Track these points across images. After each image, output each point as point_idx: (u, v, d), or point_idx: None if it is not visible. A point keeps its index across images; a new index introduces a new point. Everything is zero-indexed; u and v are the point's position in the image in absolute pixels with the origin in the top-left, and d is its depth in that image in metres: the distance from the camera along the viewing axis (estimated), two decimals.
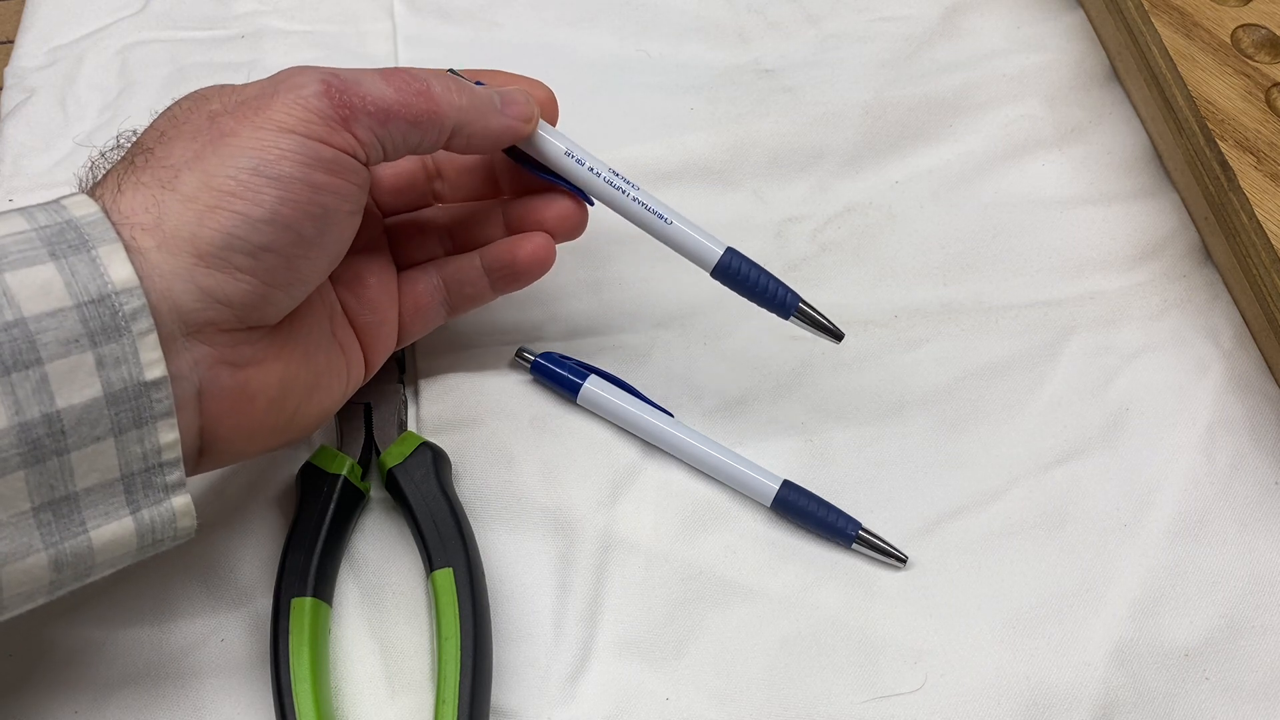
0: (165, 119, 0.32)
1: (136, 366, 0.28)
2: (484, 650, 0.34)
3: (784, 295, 0.37)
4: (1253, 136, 0.42)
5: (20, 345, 0.27)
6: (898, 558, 0.37)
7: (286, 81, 0.32)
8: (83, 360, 0.27)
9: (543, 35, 0.52)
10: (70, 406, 0.27)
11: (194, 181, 0.30)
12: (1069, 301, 0.44)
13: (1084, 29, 0.52)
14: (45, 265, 0.27)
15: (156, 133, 0.32)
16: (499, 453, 0.40)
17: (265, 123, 0.31)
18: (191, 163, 0.30)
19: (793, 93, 0.50)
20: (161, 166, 0.30)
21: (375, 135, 0.32)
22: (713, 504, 0.39)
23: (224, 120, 0.31)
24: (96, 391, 0.28)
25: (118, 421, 0.28)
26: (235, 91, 0.32)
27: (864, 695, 0.35)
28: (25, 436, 0.27)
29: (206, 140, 0.31)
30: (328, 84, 0.32)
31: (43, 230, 0.28)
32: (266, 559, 0.37)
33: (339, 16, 0.52)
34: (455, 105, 0.34)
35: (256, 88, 0.32)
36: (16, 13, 0.54)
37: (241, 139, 0.30)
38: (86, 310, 0.28)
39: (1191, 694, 0.35)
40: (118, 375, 0.28)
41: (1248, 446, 0.40)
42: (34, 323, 0.27)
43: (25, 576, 0.28)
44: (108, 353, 0.28)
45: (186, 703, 0.35)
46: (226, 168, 0.30)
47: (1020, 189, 0.47)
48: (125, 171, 0.31)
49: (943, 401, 0.41)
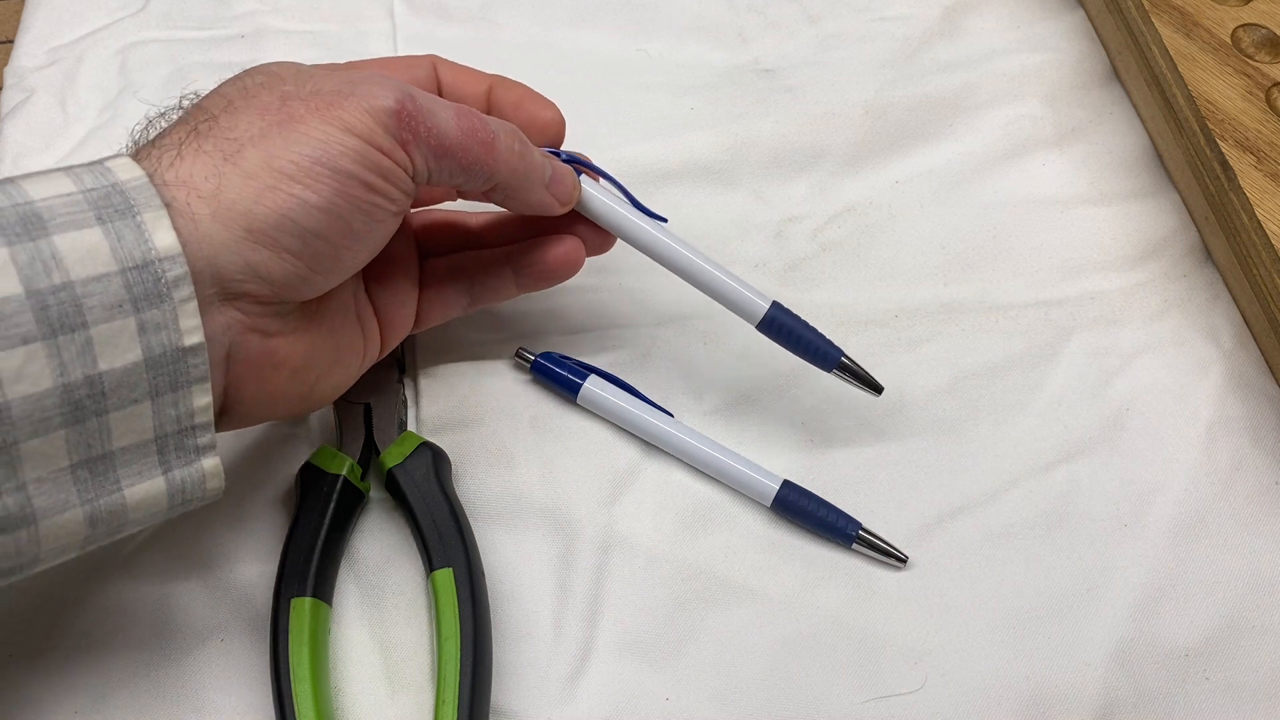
0: (234, 88, 0.32)
1: (176, 333, 0.29)
2: (484, 650, 0.34)
3: (826, 349, 0.38)
4: (1253, 136, 0.42)
5: (68, 308, 0.27)
6: (898, 558, 0.37)
7: (365, 86, 0.32)
8: (125, 325, 0.28)
9: (543, 35, 0.52)
10: (112, 369, 0.28)
11: (256, 159, 0.30)
12: (1069, 301, 0.44)
13: (1084, 29, 0.52)
14: (92, 229, 0.28)
15: (224, 100, 0.32)
16: (499, 453, 0.40)
17: (334, 119, 0.31)
18: (257, 140, 0.31)
19: (793, 93, 0.50)
20: (225, 138, 0.31)
21: (427, 165, 0.33)
22: (713, 504, 0.39)
23: (295, 104, 0.31)
24: (137, 356, 0.28)
25: (155, 385, 0.29)
26: (310, 78, 0.32)
27: (864, 695, 0.35)
28: (68, 397, 0.27)
29: (275, 120, 0.31)
30: (401, 105, 0.32)
31: (89, 193, 0.28)
32: (266, 559, 0.37)
33: (339, 16, 0.52)
34: (510, 167, 0.35)
35: (334, 81, 0.32)
36: (16, 13, 0.54)
37: (308, 127, 0.31)
38: (130, 275, 0.28)
39: (1191, 694, 0.35)
40: (157, 340, 0.29)
41: (1248, 446, 0.40)
42: (81, 286, 0.27)
43: (61, 531, 0.29)
44: (149, 318, 0.28)
45: (186, 703, 0.35)
46: (290, 152, 0.31)
47: (1020, 189, 0.47)
48: (187, 137, 0.31)
49: (943, 401, 0.41)
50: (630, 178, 0.46)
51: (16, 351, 0.26)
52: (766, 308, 0.38)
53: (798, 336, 0.38)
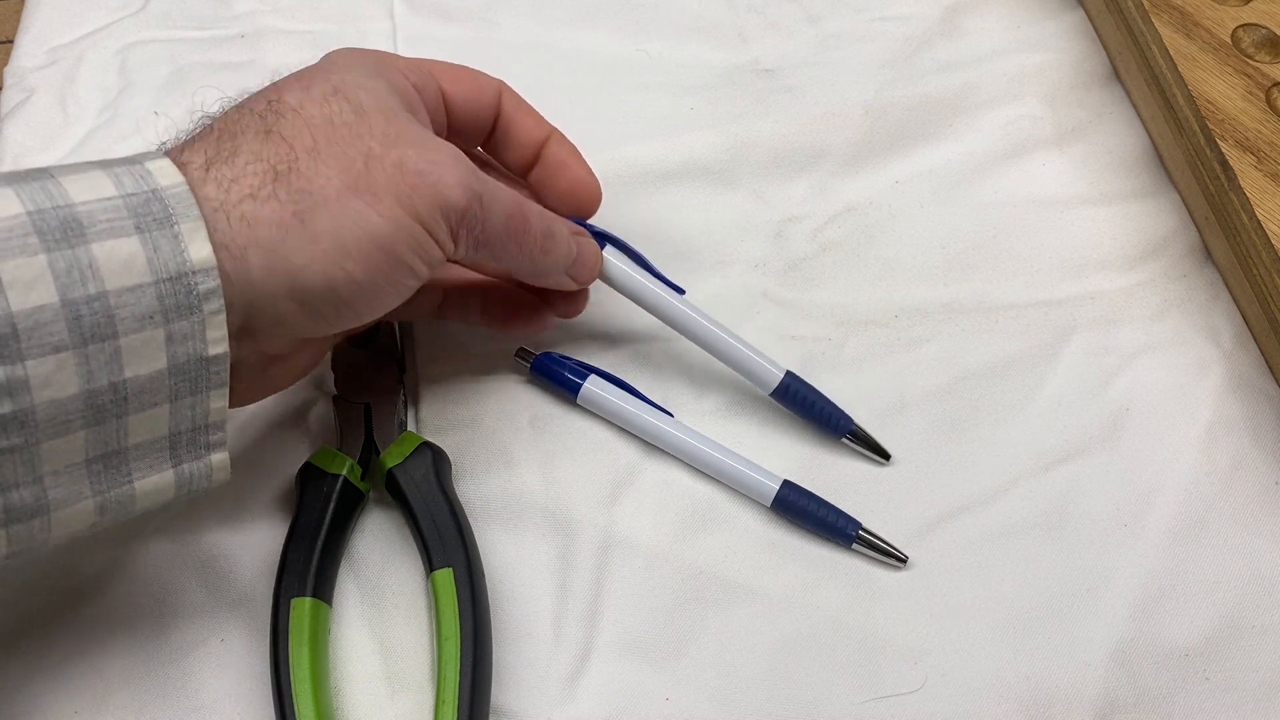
0: (320, 114, 0.32)
1: (202, 343, 0.29)
2: (484, 650, 0.34)
3: (838, 417, 0.39)
4: (1253, 136, 0.42)
5: (100, 319, 0.27)
6: (898, 558, 0.37)
7: (442, 171, 0.32)
8: (154, 335, 0.28)
9: (543, 35, 0.52)
10: (136, 377, 0.28)
11: (326, 225, 0.31)
12: (1069, 301, 0.44)
13: (1084, 29, 0.52)
14: (130, 238, 0.28)
15: (308, 134, 0.31)
16: (499, 453, 0.40)
17: (407, 204, 0.32)
18: (332, 202, 0.31)
19: (793, 93, 0.50)
20: (303, 189, 0.31)
21: (465, 251, 0.34)
22: (713, 504, 0.39)
23: (377, 173, 0.31)
24: (162, 365, 0.29)
25: (175, 389, 0.29)
26: (395, 135, 0.32)
27: (864, 695, 0.35)
28: (91, 402, 0.28)
29: (353, 184, 0.31)
30: (469, 206, 0.33)
31: (129, 199, 0.28)
32: (266, 559, 0.37)
33: (339, 16, 0.52)
34: (532, 261, 0.36)
35: (416, 151, 0.32)
36: (16, 13, 0.54)
37: (383, 206, 0.31)
38: (164, 287, 0.28)
39: (1191, 694, 0.35)
40: (183, 350, 0.29)
41: (1248, 446, 0.40)
42: (115, 297, 0.28)
43: (72, 519, 0.29)
44: (178, 329, 0.29)
45: (186, 703, 0.35)
46: (359, 228, 0.31)
47: (1020, 189, 0.47)
48: (264, 179, 0.30)
49: (943, 401, 0.41)
50: (630, 178, 0.46)
51: (48, 360, 0.27)
52: (781, 376, 0.39)
53: (810, 403, 0.39)
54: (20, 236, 0.26)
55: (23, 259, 0.26)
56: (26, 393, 0.27)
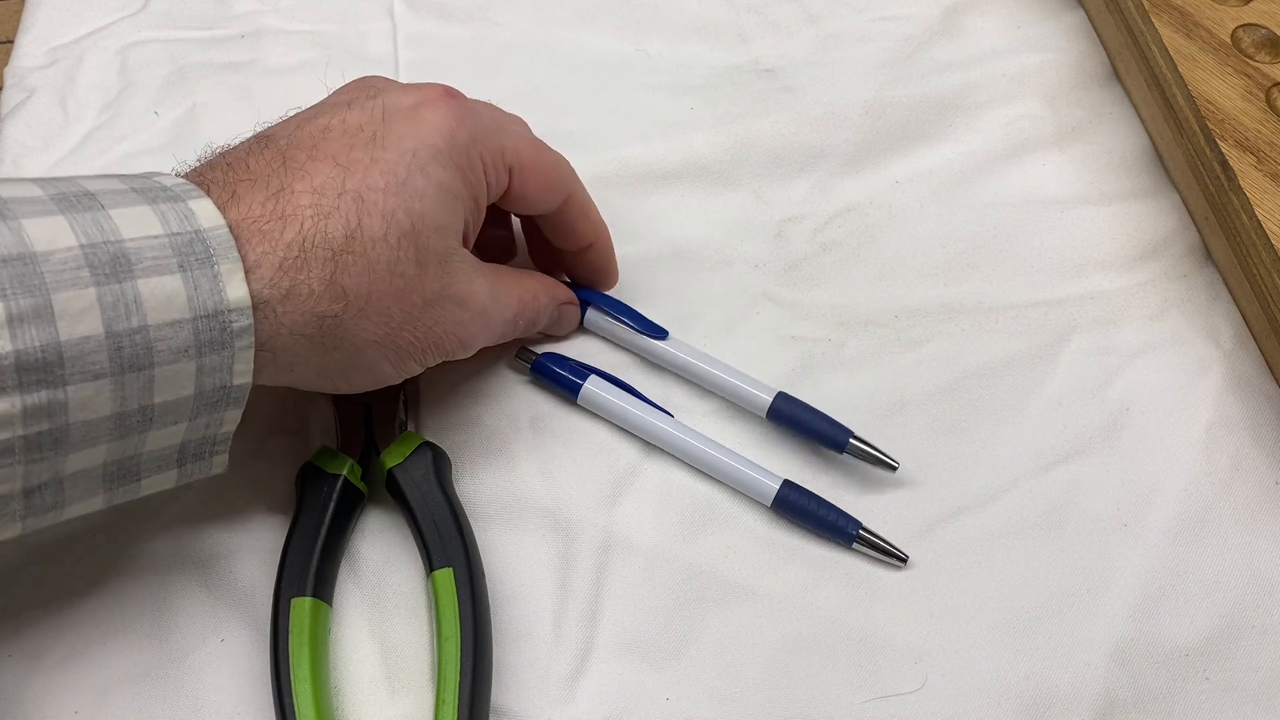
0: (385, 271, 0.33)
1: (229, 375, 0.31)
2: (484, 650, 0.34)
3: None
4: (1253, 136, 0.42)
5: (140, 350, 0.29)
6: (898, 557, 0.37)
7: (467, 327, 0.36)
8: (187, 367, 0.30)
9: (543, 35, 0.52)
10: (165, 402, 0.30)
11: (341, 357, 0.33)
12: (1069, 301, 0.44)
13: (1084, 29, 0.52)
14: (174, 276, 0.29)
15: (365, 289, 0.32)
16: (499, 453, 0.40)
17: (419, 357, 0.35)
18: (356, 348, 0.33)
19: (793, 93, 0.50)
20: (338, 336, 0.32)
21: None
22: (713, 504, 0.39)
23: (408, 330, 0.34)
24: (189, 392, 0.30)
25: (196, 410, 0.31)
26: (439, 292, 0.34)
27: (864, 695, 0.35)
28: (120, 423, 0.29)
29: (381, 339, 0.34)
30: None
31: (175, 238, 0.30)
32: (266, 559, 0.37)
33: (339, 16, 0.52)
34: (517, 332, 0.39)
35: (452, 310, 0.35)
36: (16, 13, 0.54)
37: (397, 361, 0.35)
38: (200, 324, 0.30)
39: (1191, 694, 0.35)
40: (211, 380, 0.31)
41: (1248, 446, 0.40)
42: (155, 330, 0.29)
43: (82, 510, 0.31)
44: (208, 362, 0.30)
45: (186, 703, 0.35)
46: (366, 371, 0.34)
47: (1020, 189, 0.47)
48: (323, 264, 0.31)
49: (943, 401, 0.41)
50: (630, 178, 0.46)
51: (87, 386, 0.28)
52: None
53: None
54: (73, 270, 0.28)
55: (74, 291, 0.28)
56: (64, 414, 0.28)
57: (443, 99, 0.35)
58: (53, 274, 0.27)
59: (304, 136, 0.33)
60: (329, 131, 0.33)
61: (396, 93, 0.35)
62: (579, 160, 0.40)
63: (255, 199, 0.31)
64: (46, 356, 0.27)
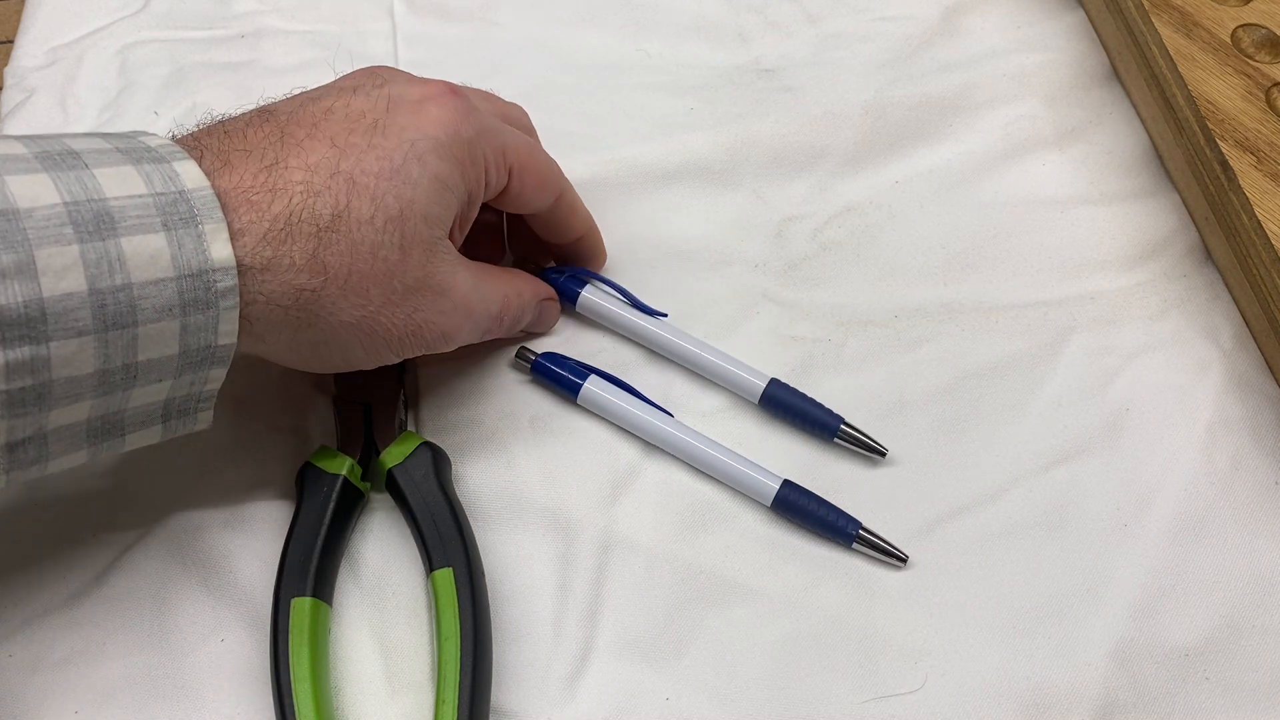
0: (368, 253, 0.33)
1: (213, 334, 0.31)
2: (484, 650, 0.34)
3: (827, 419, 0.40)
4: (1253, 136, 0.42)
5: (123, 308, 0.29)
6: (898, 557, 0.37)
7: (447, 319, 0.36)
8: (170, 326, 0.30)
9: (543, 35, 0.52)
10: (149, 360, 0.30)
11: (317, 335, 0.33)
12: (1069, 301, 0.44)
13: (1084, 29, 0.52)
14: (157, 235, 0.29)
15: (346, 266, 0.32)
16: (499, 453, 0.40)
17: (395, 347, 0.35)
18: (332, 328, 0.33)
19: (793, 93, 0.50)
20: (315, 315, 0.32)
21: None
22: (713, 504, 0.39)
23: (386, 316, 0.34)
24: (174, 351, 0.30)
25: (181, 368, 0.31)
26: (422, 280, 0.34)
27: (864, 695, 0.35)
28: (104, 379, 0.30)
29: (359, 321, 0.33)
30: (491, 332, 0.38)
31: (159, 198, 0.30)
32: (266, 559, 0.37)
33: (339, 16, 0.52)
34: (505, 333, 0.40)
35: (432, 299, 0.35)
36: (16, 13, 0.54)
37: (373, 348, 0.34)
38: (185, 283, 0.30)
39: (1191, 694, 0.35)
40: (195, 339, 0.31)
41: (1248, 446, 0.40)
42: (138, 289, 0.29)
43: (67, 463, 0.31)
44: (193, 322, 0.30)
45: (186, 703, 0.35)
46: (341, 354, 0.34)
47: (1020, 189, 0.47)
48: (290, 291, 0.32)
49: (943, 401, 0.41)
50: (630, 178, 0.46)
51: (70, 343, 0.28)
52: (763, 385, 0.40)
53: (797, 409, 0.40)
54: (56, 226, 0.28)
55: (57, 248, 0.28)
56: (47, 370, 0.28)
57: (448, 94, 0.35)
58: (35, 230, 0.27)
59: (306, 115, 0.33)
60: (331, 113, 0.34)
61: (403, 84, 0.35)
62: (579, 160, 0.40)
63: (249, 169, 0.32)
64: (29, 312, 0.27)
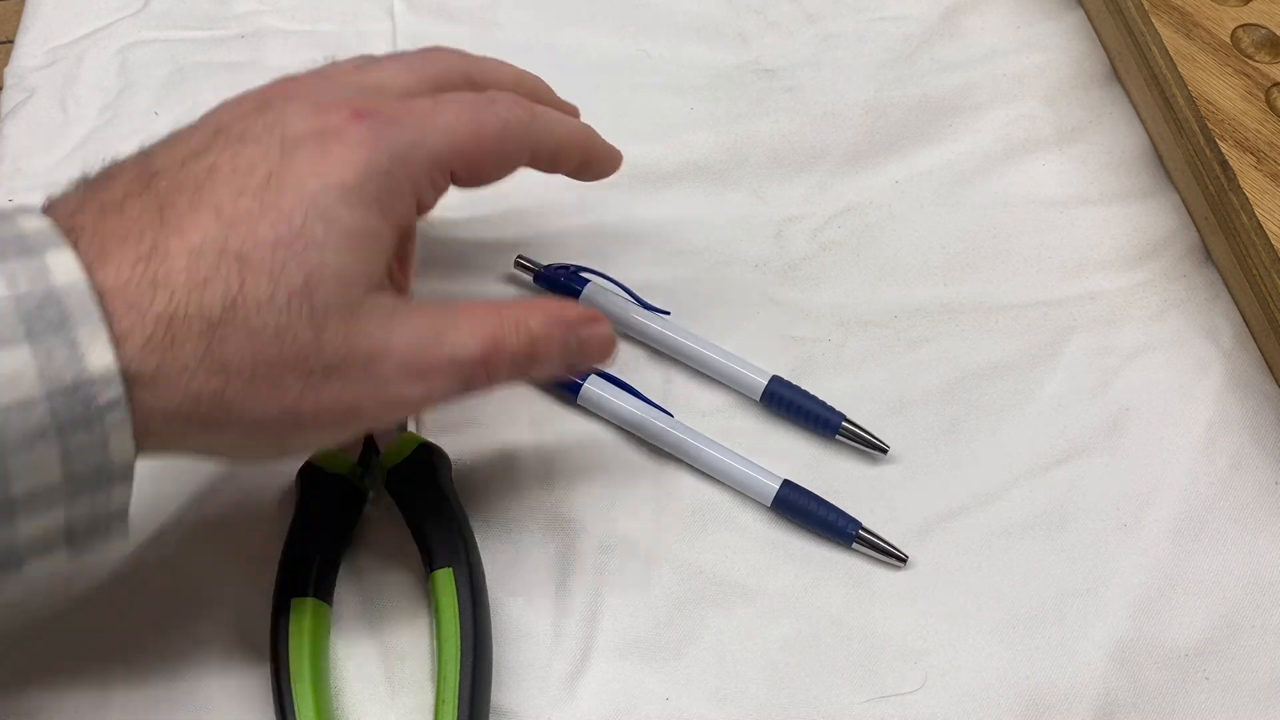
0: (273, 338, 0.28)
1: (103, 453, 0.26)
2: (484, 650, 0.34)
3: (828, 416, 0.40)
4: (1253, 136, 0.42)
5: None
6: (898, 557, 0.37)
7: (369, 399, 0.29)
8: (46, 451, 0.26)
9: (543, 35, 0.52)
10: (26, 492, 0.26)
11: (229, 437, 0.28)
12: (1069, 301, 0.44)
13: (1084, 29, 0.52)
14: (19, 348, 0.25)
15: (250, 362, 0.28)
16: (499, 453, 0.40)
17: (312, 440, 0.30)
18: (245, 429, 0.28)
19: (793, 93, 0.50)
20: (225, 415, 0.28)
21: None
22: (712, 504, 0.39)
23: (305, 403, 0.29)
24: (56, 478, 0.26)
25: (71, 493, 0.27)
26: (342, 357, 0.29)
27: (864, 695, 0.35)
28: None
29: (276, 418, 0.28)
30: (472, 381, 0.31)
31: (22, 300, 0.25)
32: (267, 559, 0.37)
33: (339, 16, 0.52)
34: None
35: (354, 380, 0.29)
36: (16, 13, 0.54)
37: (287, 444, 0.30)
38: (58, 401, 0.25)
39: (1191, 694, 0.35)
40: (82, 462, 0.26)
41: (1248, 446, 0.40)
42: None
43: None
44: (75, 443, 0.26)
45: (186, 703, 0.35)
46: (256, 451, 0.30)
47: (1020, 189, 0.47)
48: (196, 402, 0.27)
49: (943, 401, 0.41)
50: (630, 178, 0.46)
51: None
52: (765, 383, 0.40)
53: (798, 407, 0.40)
54: None
55: None
56: None
57: (351, 121, 0.30)
58: None
59: (188, 178, 0.28)
60: (215, 172, 0.28)
61: (297, 115, 0.30)
62: None
63: (125, 258, 0.27)
64: None
